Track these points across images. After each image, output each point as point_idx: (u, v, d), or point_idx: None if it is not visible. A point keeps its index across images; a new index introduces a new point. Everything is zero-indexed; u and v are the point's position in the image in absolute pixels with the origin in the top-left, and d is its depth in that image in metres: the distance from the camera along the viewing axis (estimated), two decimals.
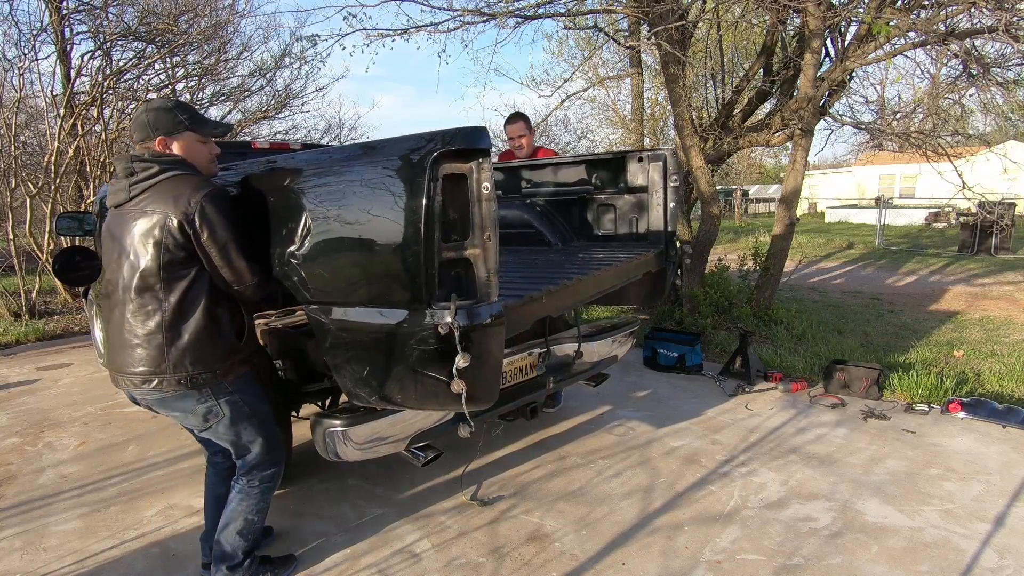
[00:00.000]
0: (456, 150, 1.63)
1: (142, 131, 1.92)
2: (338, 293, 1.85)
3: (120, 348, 1.89)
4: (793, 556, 2.39)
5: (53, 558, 2.46)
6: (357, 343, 1.86)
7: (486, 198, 1.68)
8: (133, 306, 1.85)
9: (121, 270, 1.86)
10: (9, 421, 3.99)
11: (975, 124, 7.21)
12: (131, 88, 9.62)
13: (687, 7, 6.51)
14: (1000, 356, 5.06)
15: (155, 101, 1.98)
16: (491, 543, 2.50)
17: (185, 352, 1.86)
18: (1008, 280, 9.25)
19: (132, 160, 1.88)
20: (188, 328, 1.86)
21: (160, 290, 1.83)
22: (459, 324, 1.65)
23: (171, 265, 1.83)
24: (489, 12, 6.18)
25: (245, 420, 2.03)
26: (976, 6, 4.72)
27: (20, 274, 6.92)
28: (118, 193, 1.89)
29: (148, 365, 1.86)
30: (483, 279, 1.73)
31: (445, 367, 1.71)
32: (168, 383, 1.87)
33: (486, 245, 1.71)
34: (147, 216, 1.82)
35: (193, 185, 1.85)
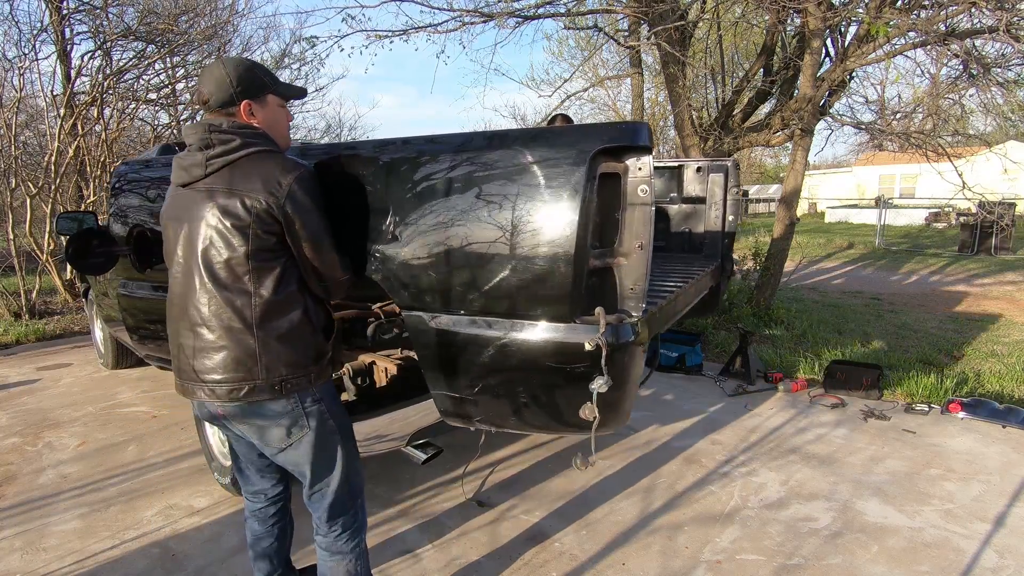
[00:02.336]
0: (612, 147, 1.47)
1: (222, 93, 1.58)
2: (453, 300, 1.64)
3: (198, 352, 1.59)
4: (793, 556, 2.39)
5: (53, 558, 2.46)
6: (470, 356, 1.65)
7: (641, 202, 1.51)
8: (217, 301, 1.55)
9: (196, 259, 1.56)
10: (9, 421, 3.99)
11: (975, 124, 7.21)
12: (131, 88, 9.62)
13: (687, 7, 6.51)
14: (1000, 356, 5.06)
15: (230, 58, 1.65)
16: (491, 543, 2.50)
17: (280, 353, 1.58)
18: (1008, 280, 9.25)
19: (210, 130, 1.56)
20: (283, 325, 1.59)
21: (249, 282, 1.55)
22: (607, 342, 1.48)
23: (260, 252, 1.54)
24: (489, 12, 6.18)
25: (329, 436, 1.70)
26: (976, 6, 4.72)
27: (20, 274, 6.92)
28: (191, 169, 1.58)
29: (237, 370, 1.56)
30: (628, 292, 1.57)
31: (582, 388, 1.55)
32: (260, 391, 1.57)
33: (636, 254, 1.54)
34: (229, 196, 1.52)
35: (282, 165, 1.57)
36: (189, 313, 1.59)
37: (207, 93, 1.59)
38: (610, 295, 1.57)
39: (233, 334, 1.55)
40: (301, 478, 1.73)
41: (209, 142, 1.56)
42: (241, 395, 1.57)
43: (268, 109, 1.65)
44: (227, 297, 1.55)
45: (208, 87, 1.58)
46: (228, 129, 1.57)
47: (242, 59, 1.65)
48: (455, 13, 6.29)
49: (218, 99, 1.58)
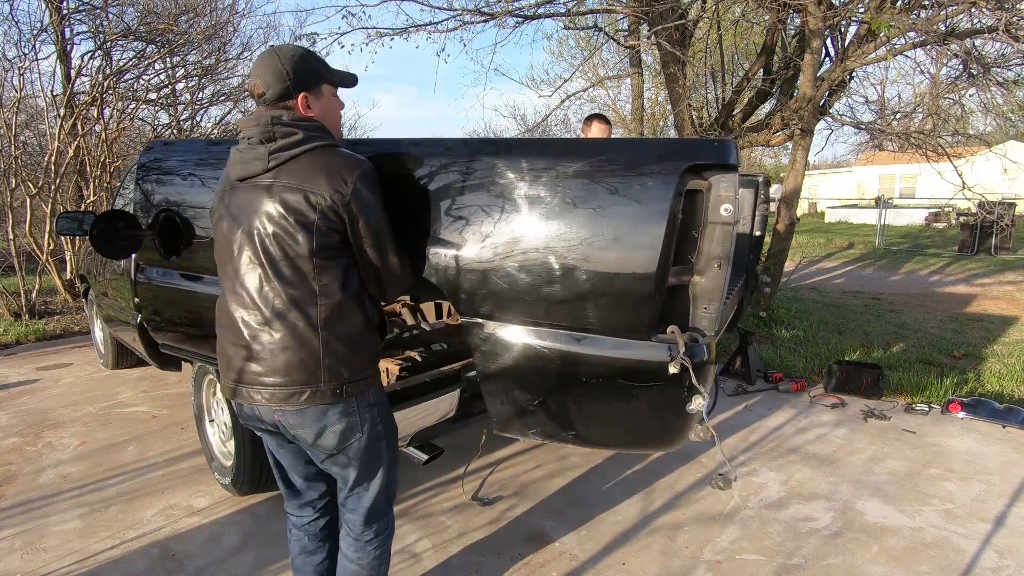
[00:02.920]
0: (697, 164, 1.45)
1: (279, 84, 1.50)
2: (522, 309, 1.60)
3: (257, 353, 1.51)
4: (793, 556, 2.39)
5: (53, 558, 2.46)
6: (534, 367, 1.61)
7: (723, 220, 1.47)
8: (281, 300, 1.48)
9: (257, 256, 1.49)
10: (9, 421, 3.99)
11: (975, 124, 7.21)
12: (131, 88, 9.62)
13: (687, 7, 6.51)
14: (1000, 356, 5.06)
15: (283, 48, 1.56)
16: (491, 543, 2.50)
17: (343, 356, 1.52)
18: (1008, 280, 9.26)
19: (273, 123, 1.49)
20: (346, 326, 1.52)
21: (314, 281, 1.48)
22: (688, 360, 1.45)
23: (324, 251, 1.48)
24: (489, 12, 6.18)
25: (378, 441, 1.64)
26: (976, 6, 4.72)
27: (20, 274, 6.92)
28: (251, 163, 1.51)
29: (299, 373, 1.49)
30: (701, 311, 1.54)
31: (650, 405, 1.54)
32: (321, 395, 1.50)
33: (713, 273, 1.51)
34: (293, 192, 1.46)
35: (345, 161, 1.51)
36: (246, 312, 1.52)
37: (263, 86, 1.51)
38: (681, 313, 1.54)
39: (297, 335, 1.48)
40: (343, 481, 1.68)
41: (272, 135, 1.49)
42: (302, 399, 1.50)
43: (323, 100, 1.59)
44: (292, 296, 1.48)
45: (264, 79, 1.51)
46: (290, 122, 1.50)
47: (295, 47, 1.57)
48: (455, 12, 6.29)
49: (275, 92, 1.51)
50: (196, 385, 3.05)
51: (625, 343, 1.51)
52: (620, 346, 1.52)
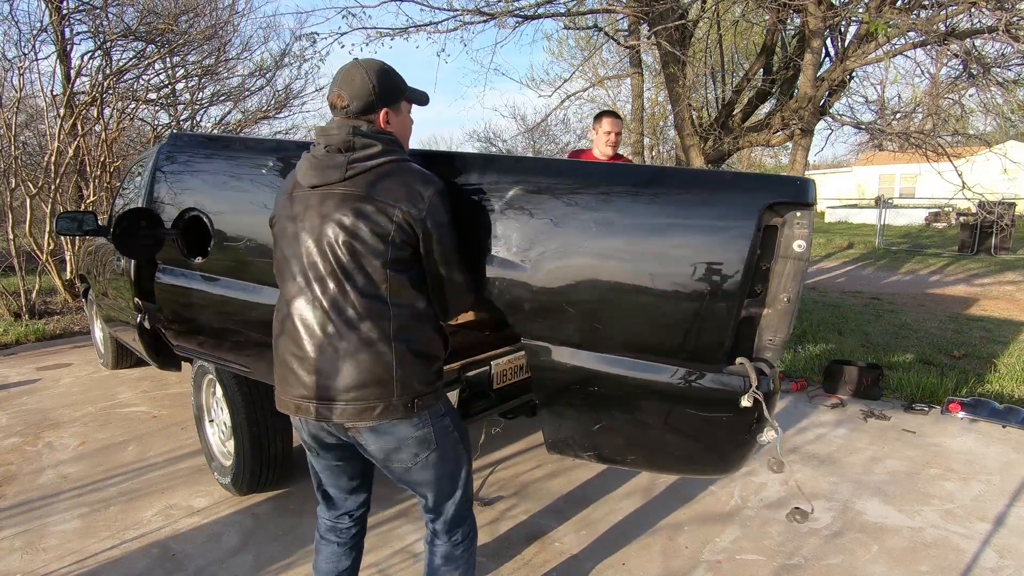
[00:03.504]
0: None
1: (364, 98, 1.51)
2: (590, 335, 1.60)
3: (325, 366, 1.46)
4: (793, 556, 2.39)
5: (53, 558, 2.46)
6: (599, 392, 1.63)
7: (796, 256, 1.49)
8: (355, 311, 1.45)
9: (328, 266, 1.46)
10: (9, 421, 3.99)
11: (975, 124, 7.22)
12: (131, 88, 9.62)
13: (687, 7, 6.51)
14: (1000, 356, 5.06)
15: (369, 62, 1.55)
16: (491, 543, 2.50)
17: (415, 369, 1.49)
18: (1008, 280, 9.26)
19: (354, 133, 1.48)
20: (419, 339, 1.51)
21: (387, 292, 1.47)
22: (761, 394, 1.48)
23: (397, 263, 1.47)
24: (489, 12, 6.18)
25: (452, 450, 1.61)
26: (976, 6, 4.73)
27: (20, 274, 6.92)
28: (328, 170, 1.48)
29: (372, 387, 1.45)
30: (767, 342, 1.56)
31: (716, 433, 1.56)
32: (394, 409, 1.47)
33: (782, 307, 1.53)
34: (369, 203, 1.44)
35: (422, 176, 1.51)
36: (314, 323, 1.47)
37: (348, 98, 1.51)
38: (744, 344, 1.55)
39: (371, 346, 1.45)
40: (422, 494, 1.65)
41: (351, 145, 1.48)
42: (375, 415, 1.46)
43: (402, 116, 1.60)
44: (366, 306, 1.45)
45: (348, 92, 1.51)
46: (370, 134, 1.50)
47: (379, 63, 1.57)
48: (455, 12, 6.29)
49: (359, 105, 1.51)
50: (196, 385, 3.05)
51: (695, 373, 1.53)
52: (690, 375, 1.54)
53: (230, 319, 2.44)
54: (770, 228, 1.50)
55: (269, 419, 2.69)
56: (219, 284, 2.42)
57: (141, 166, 3.93)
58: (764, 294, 1.54)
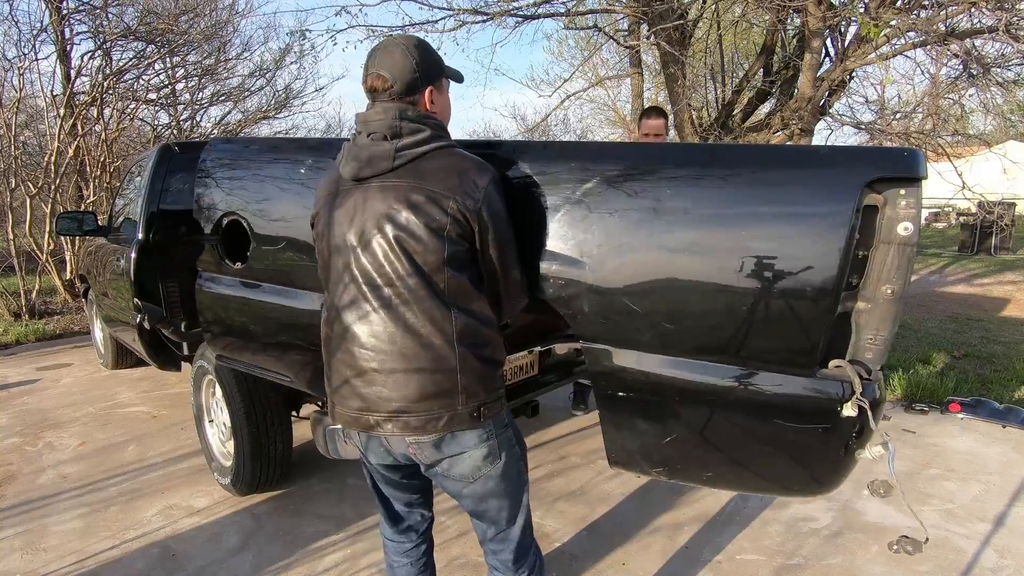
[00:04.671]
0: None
1: (407, 77, 1.35)
2: (659, 336, 1.43)
3: (384, 375, 1.34)
4: (793, 556, 2.39)
5: (53, 558, 2.46)
6: (670, 400, 1.47)
7: (901, 240, 1.28)
8: (413, 314, 1.32)
9: (381, 266, 1.33)
10: (9, 421, 3.99)
11: (975, 124, 7.22)
12: (131, 88, 9.62)
13: (687, 7, 6.52)
14: (1000, 356, 5.06)
15: (407, 37, 1.41)
16: None
17: (479, 375, 1.36)
18: (1008, 280, 9.25)
19: (400, 117, 1.33)
20: (481, 342, 1.37)
21: (446, 291, 1.33)
22: (866, 400, 1.28)
23: (454, 260, 1.33)
24: (487, 12, 6.18)
25: (515, 466, 1.48)
26: (976, 6, 4.73)
27: (20, 274, 6.92)
28: (375, 161, 1.34)
29: (436, 396, 1.33)
30: (866, 342, 1.36)
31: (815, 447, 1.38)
32: (459, 419, 1.34)
33: (884, 300, 1.32)
34: (423, 195, 1.30)
35: (475, 164, 1.37)
36: (369, 330, 1.34)
37: (390, 78, 1.35)
38: (839, 345, 1.37)
39: (433, 353, 1.32)
40: (481, 514, 1.51)
41: (398, 131, 1.33)
42: (440, 425, 1.33)
43: (443, 95, 1.45)
44: (425, 309, 1.31)
45: (391, 71, 1.35)
46: (416, 118, 1.35)
47: (415, 37, 1.43)
48: (453, 12, 6.29)
49: (403, 85, 1.35)
50: (195, 385, 3.05)
51: (785, 378, 1.35)
52: (779, 381, 1.36)
53: (273, 326, 2.31)
54: (868, 209, 1.30)
55: (269, 419, 2.69)
56: (260, 290, 2.31)
57: (140, 167, 3.93)
58: (861, 286, 1.34)
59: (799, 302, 1.30)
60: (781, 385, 1.36)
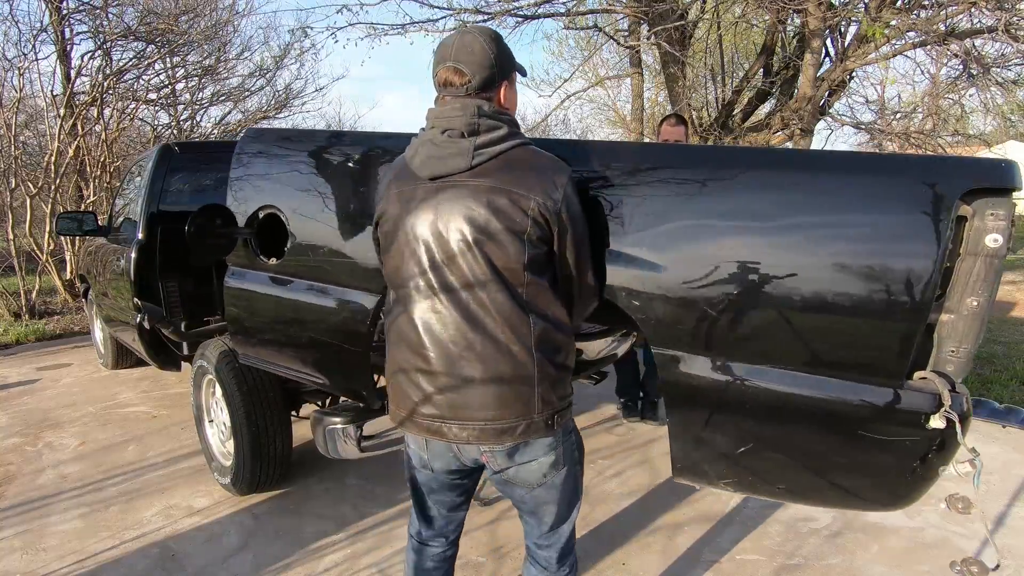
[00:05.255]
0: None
1: (485, 71, 1.30)
2: (734, 343, 1.40)
3: (459, 383, 1.30)
4: (793, 556, 2.39)
5: (53, 558, 2.46)
6: (743, 409, 1.43)
7: (989, 252, 1.26)
8: (492, 319, 1.28)
9: (458, 268, 1.28)
10: (9, 421, 3.99)
11: (975, 124, 7.22)
12: (131, 88, 9.63)
13: (687, 7, 6.52)
14: (1000, 356, 5.06)
15: (482, 29, 1.35)
16: (491, 543, 2.50)
17: (554, 381, 1.33)
18: (1008, 280, 9.25)
19: (479, 114, 1.28)
20: (557, 348, 1.34)
21: (525, 297, 1.29)
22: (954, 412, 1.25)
23: (535, 264, 1.29)
24: (488, 11, 6.18)
25: (574, 470, 1.48)
26: (976, 6, 4.73)
27: (20, 274, 6.92)
28: (451, 159, 1.28)
29: (513, 404, 1.30)
30: (948, 354, 1.34)
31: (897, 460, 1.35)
32: (535, 428, 1.32)
33: (969, 313, 1.31)
34: (501, 194, 1.26)
35: (553, 163, 1.32)
36: (444, 334, 1.30)
37: (469, 73, 1.29)
38: (920, 357, 1.35)
39: (511, 359, 1.28)
40: (538, 518, 1.50)
41: (476, 128, 1.28)
42: (517, 434, 1.30)
43: (514, 90, 1.40)
44: (504, 315, 1.28)
45: (469, 65, 1.29)
46: (494, 114, 1.30)
47: (491, 29, 1.39)
48: (453, 11, 6.30)
49: (481, 79, 1.30)
50: (195, 385, 3.05)
51: (870, 389, 1.31)
52: (863, 392, 1.32)
53: (307, 326, 2.22)
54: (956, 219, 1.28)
55: (269, 419, 2.69)
56: (296, 288, 2.21)
57: (140, 167, 3.93)
58: (945, 298, 1.33)
59: (889, 312, 1.26)
60: (866, 396, 1.32)
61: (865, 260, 1.27)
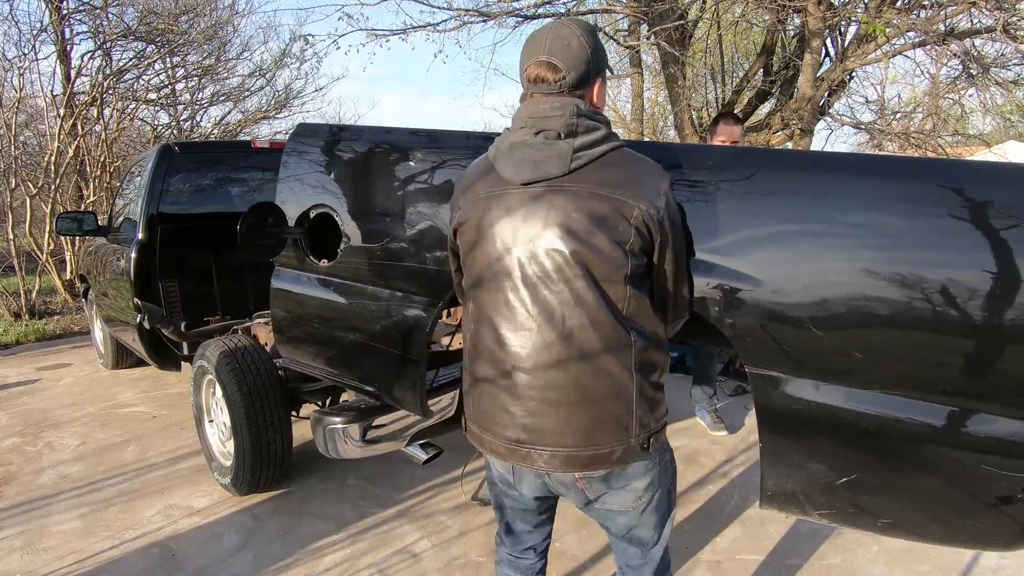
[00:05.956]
0: None
1: (580, 68, 1.20)
2: (847, 368, 1.28)
3: (553, 405, 1.20)
4: (793, 556, 2.39)
5: (53, 558, 2.46)
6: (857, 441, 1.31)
7: None
8: (588, 337, 1.18)
9: (553, 281, 1.18)
10: (9, 421, 3.99)
11: (975, 124, 7.22)
12: (131, 88, 9.63)
13: (687, 7, 6.52)
14: None
15: (576, 21, 1.25)
16: (491, 543, 2.50)
17: (652, 402, 1.24)
18: None
19: (578, 113, 1.18)
20: (656, 367, 1.24)
21: (625, 312, 1.19)
22: None
23: (636, 277, 1.19)
24: (488, 12, 6.19)
25: (668, 490, 1.40)
26: (976, 6, 4.73)
27: (20, 274, 6.92)
28: (547, 162, 1.18)
29: (610, 428, 1.20)
30: None
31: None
32: (632, 452, 1.23)
33: None
34: (603, 201, 1.15)
35: (652, 167, 1.22)
36: (535, 354, 1.20)
37: (564, 68, 1.19)
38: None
39: (611, 380, 1.19)
40: (630, 540, 1.42)
41: (574, 129, 1.17)
42: (615, 459, 1.21)
43: (605, 88, 1.30)
44: (604, 333, 1.18)
45: (565, 60, 1.19)
46: (591, 114, 1.20)
47: (586, 22, 1.30)
48: (454, 13, 6.30)
49: (576, 76, 1.19)
50: (195, 385, 3.05)
51: (999, 419, 1.20)
52: (991, 422, 1.20)
53: (360, 332, 2.11)
54: None
55: (269, 419, 2.69)
56: (349, 291, 2.12)
57: (140, 167, 3.94)
58: None
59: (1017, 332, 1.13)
60: (994, 426, 1.20)
61: (1004, 278, 1.13)
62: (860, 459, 1.31)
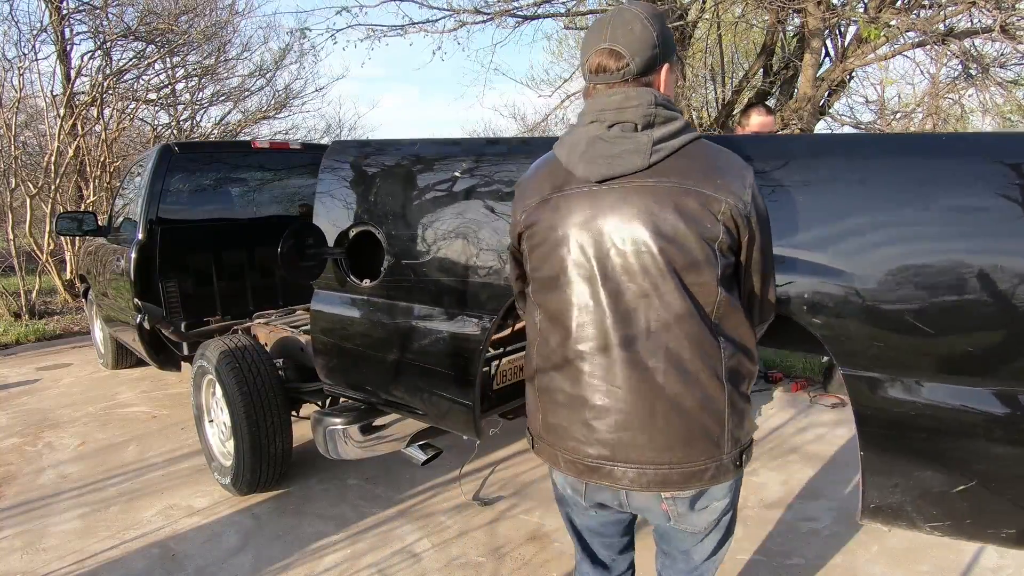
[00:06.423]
0: None
1: (647, 52, 1.10)
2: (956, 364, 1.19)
3: (637, 421, 1.11)
4: (793, 556, 2.39)
5: (53, 558, 2.46)
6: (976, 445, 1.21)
7: None
8: (677, 345, 1.09)
9: (640, 286, 1.09)
10: (9, 421, 3.99)
11: (975, 124, 7.22)
12: (131, 88, 9.63)
13: (687, 7, 6.52)
14: None
15: (641, 6, 1.13)
16: (491, 543, 2.50)
17: (743, 415, 1.15)
18: None
19: (656, 103, 1.09)
20: (743, 376, 1.15)
21: (713, 316, 1.10)
22: None
23: (726, 278, 1.11)
24: (488, 12, 6.19)
25: (734, 507, 1.31)
26: (975, 6, 4.73)
27: (20, 274, 6.92)
28: (624, 157, 1.08)
29: (702, 445, 1.12)
30: None
31: None
32: (724, 470, 1.14)
33: None
34: (692, 197, 1.06)
35: (734, 158, 1.13)
36: (619, 364, 1.11)
37: (627, 54, 1.09)
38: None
39: (701, 391, 1.10)
40: (688, 556, 1.35)
41: (652, 119, 1.08)
42: (706, 478, 1.12)
43: (673, 76, 1.19)
44: (693, 340, 1.09)
45: (630, 46, 1.09)
46: (668, 103, 1.11)
47: (651, 5, 1.21)
48: (453, 12, 6.30)
49: (641, 62, 1.10)
50: (195, 385, 3.06)
51: None
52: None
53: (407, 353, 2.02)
54: None
55: (269, 419, 2.70)
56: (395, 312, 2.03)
57: (141, 167, 3.94)
58: None
59: None
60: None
61: None
62: (979, 466, 1.20)
